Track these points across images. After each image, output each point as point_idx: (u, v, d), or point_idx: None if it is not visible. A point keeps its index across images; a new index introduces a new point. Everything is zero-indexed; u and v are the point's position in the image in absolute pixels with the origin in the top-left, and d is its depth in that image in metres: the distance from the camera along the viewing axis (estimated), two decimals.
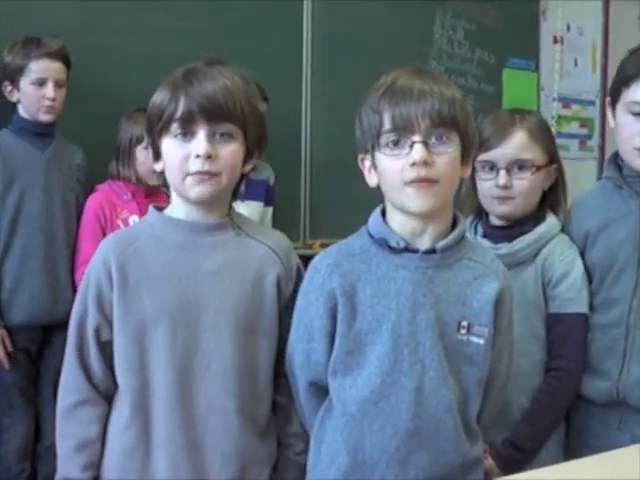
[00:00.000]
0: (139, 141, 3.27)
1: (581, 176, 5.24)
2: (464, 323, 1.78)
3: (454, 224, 1.83)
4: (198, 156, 1.80)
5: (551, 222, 2.26)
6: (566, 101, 5.31)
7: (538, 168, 2.22)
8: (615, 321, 2.18)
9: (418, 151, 1.69)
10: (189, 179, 1.82)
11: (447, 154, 1.72)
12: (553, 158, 2.28)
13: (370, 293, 1.77)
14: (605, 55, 5.47)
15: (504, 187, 2.19)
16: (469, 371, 1.79)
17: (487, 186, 2.23)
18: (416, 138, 1.70)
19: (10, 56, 3.13)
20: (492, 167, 2.21)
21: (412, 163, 1.69)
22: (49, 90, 3.13)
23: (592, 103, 5.45)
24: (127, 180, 3.32)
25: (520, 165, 2.20)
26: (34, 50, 3.11)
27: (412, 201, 1.72)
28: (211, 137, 1.81)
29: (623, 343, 2.17)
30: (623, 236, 2.19)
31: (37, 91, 3.13)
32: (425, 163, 1.69)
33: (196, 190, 1.83)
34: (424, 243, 1.78)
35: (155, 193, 3.25)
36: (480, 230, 2.31)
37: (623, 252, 2.18)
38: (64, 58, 3.19)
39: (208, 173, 1.81)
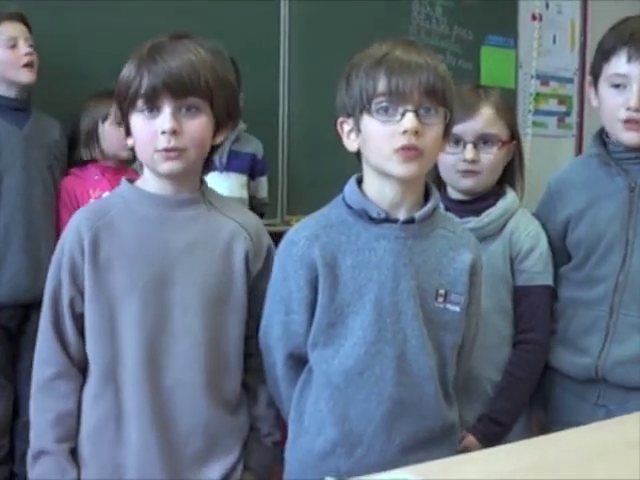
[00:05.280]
0: (105, 118, 3.31)
1: (559, 153, 5.27)
2: (441, 291, 1.83)
3: (426, 195, 1.88)
4: (164, 132, 1.81)
5: (512, 196, 2.29)
6: (544, 78, 5.31)
7: (503, 143, 2.25)
8: (600, 298, 2.19)
9: (410, 120, 1.73)
10: (156, 155, 1.84)
11: (435, 126, 1.78)
12: (514, 134, 2.31)
13: (351, 264, 1.80)
14: (584, 32, 5.47)
15: (471, 161, 2.21)
16: (446, 337, 1.85)
17: (452, 160, 2.23)
18: (409, 107, 1.74)
19: None
20: (457, 141, 2.21)
21: (403, 131, 1.73)
22: (22, 47, 3.14)
23: (570, 81, 5.45)
24: (94, 161, 3.35)
25: (486, 139, 2.23)
26: None
27: (398, 167, 1.76)
28: (177, 112, 1.83)
29: (606, 321, 2.18)
30: (610, 214, 2.19)
31: (11, 53, 3.13)
32: (415, 132, 1.73)
33: (165, 166, 1.85)
34: (401, 213, 1.82)
35: (123, 168, 3.30)
36: (441, 205, 2.31)
37: (611, 230, 2.19)
38: (25, 21, 3.19)
39: (175, 149, 1.83)
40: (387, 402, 1.79)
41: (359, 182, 1.87)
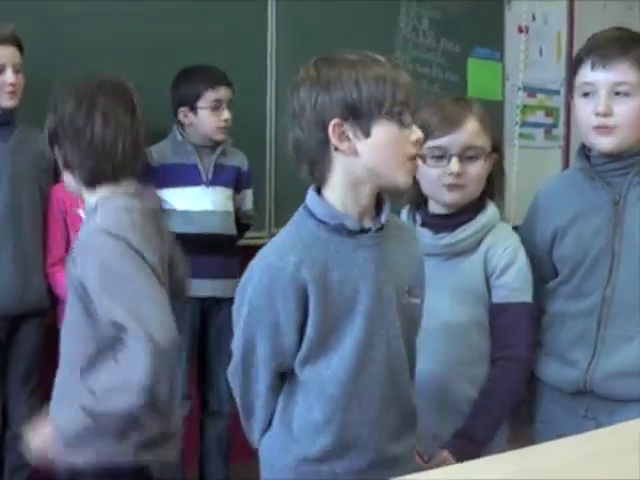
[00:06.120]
0: None
1: (546, 165, 5.29)
2: (406, 287, 1.88)
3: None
4: None
5: (492, 211, 2.27)
6: (531, 90, 5.33)
7: (487, 155, 2.24)
8: (587, 311, 2.20)
9: (417, 130, 1.80)
10: None
11: None
12: (496, 146, 2.30)
13: (338, 279, 1.80)
14: (570, 44, 5.49)
15: (457, 174, 2.19)
16: (413, 329, 1.93)
17: (436, 173, 2.22)
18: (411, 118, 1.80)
19: None
20: (442, 155, 2.21)
21: (416, 140, 1.79)
22: (8, 76, 3.12)
23: (557, 92, 5.47)
24: None
25: (472, 152, 2.21)
26: None
27: (405, 176, 1.80)
28: None
29: (595, 334, 2.19)
30: (595, 228, 2.20)
31: None
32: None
33: None
34: (366, 221, 1.84)
35: None
36: (419, 219, 2.31)
37: (596, 244, 2.19)
38: (17, 42, 3.17)
39: None
40: (378, 402, 1.84)
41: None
